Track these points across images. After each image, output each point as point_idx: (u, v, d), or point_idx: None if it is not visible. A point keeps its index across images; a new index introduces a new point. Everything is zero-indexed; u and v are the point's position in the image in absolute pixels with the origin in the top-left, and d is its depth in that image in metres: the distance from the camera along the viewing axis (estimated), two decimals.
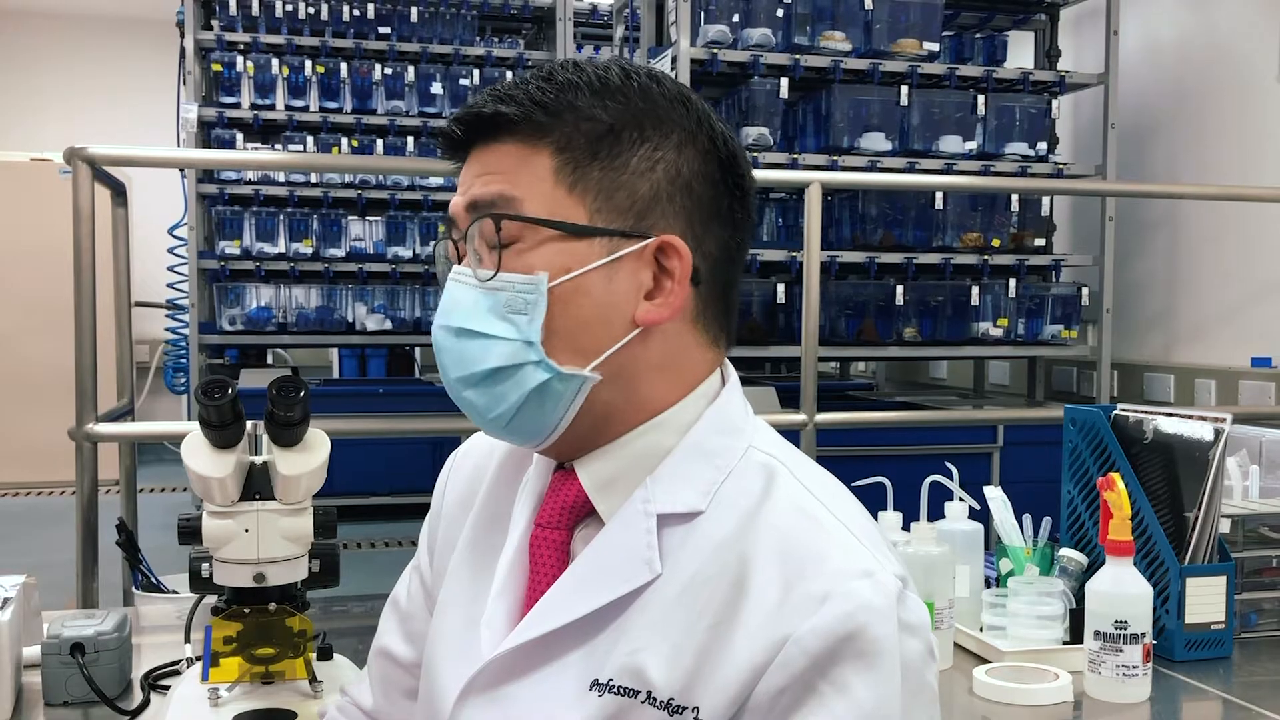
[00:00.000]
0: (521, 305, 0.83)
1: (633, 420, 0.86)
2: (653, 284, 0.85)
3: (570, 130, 0.84)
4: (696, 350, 0.88)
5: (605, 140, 0.84)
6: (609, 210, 0.84)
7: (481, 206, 0.85)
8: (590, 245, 0.83)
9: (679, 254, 0.84)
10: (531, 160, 0.84)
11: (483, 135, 0.86)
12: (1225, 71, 4.33)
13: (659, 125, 0.85)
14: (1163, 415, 1.74)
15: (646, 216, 0.84)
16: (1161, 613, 1.65)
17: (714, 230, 0.87)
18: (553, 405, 0.84)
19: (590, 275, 0.83)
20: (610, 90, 0.85)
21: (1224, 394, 4.21)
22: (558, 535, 0.88)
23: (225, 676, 1.30)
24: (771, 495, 0.83)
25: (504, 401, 0.84)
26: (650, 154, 0.85)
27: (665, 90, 0.87)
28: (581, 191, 0.83)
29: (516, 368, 0.83)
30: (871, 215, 4.39)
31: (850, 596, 0.76)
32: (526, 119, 0.84)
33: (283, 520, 1.26)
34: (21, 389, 6.32)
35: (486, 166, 0.86)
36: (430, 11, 5.42)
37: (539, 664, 0.84)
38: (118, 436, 2.62)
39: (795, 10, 4.21)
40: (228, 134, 5.17)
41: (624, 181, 0.84)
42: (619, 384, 0.85)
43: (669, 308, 0.84)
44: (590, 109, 0.84)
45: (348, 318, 5.22)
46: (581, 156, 0.84)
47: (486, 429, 0.87)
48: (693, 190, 0.86)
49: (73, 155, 2.44)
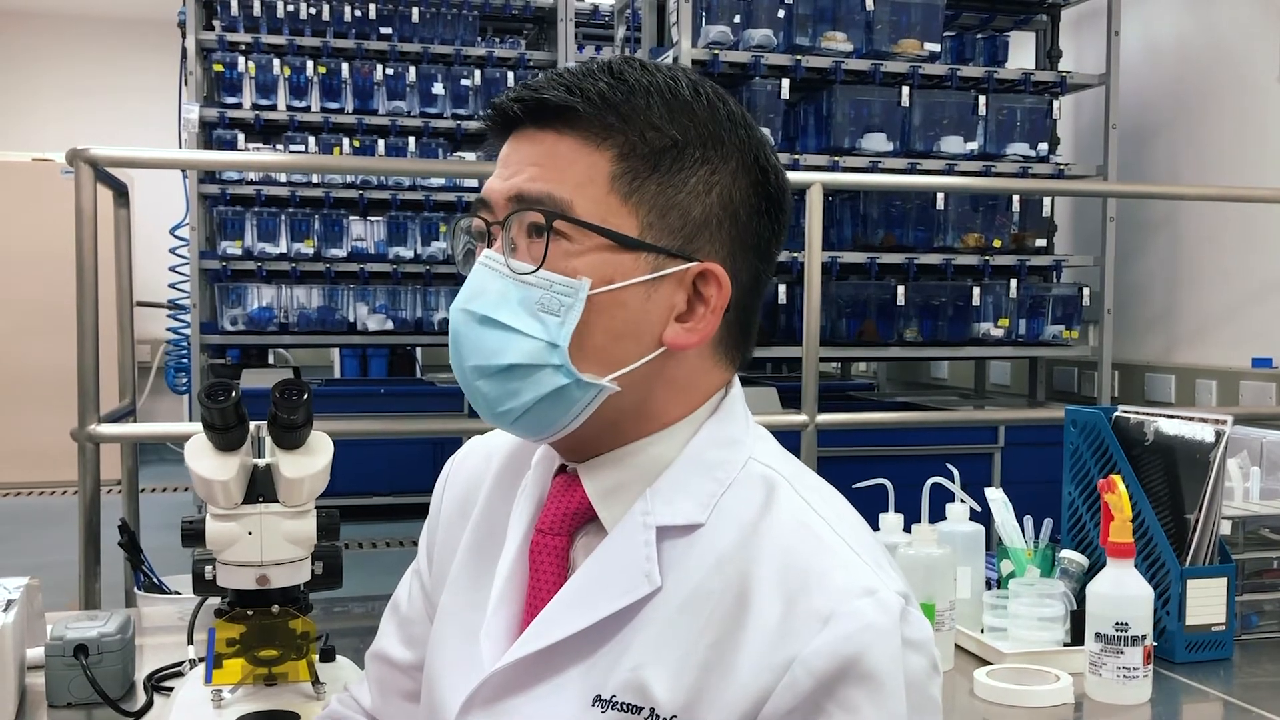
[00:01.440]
0: (556, 306, 0.81)
1: (639, 430, 0.86)
2: (685, 307, 0.84)
3: (636, 139, 0.81)
4: (712, 372, 0.88)
5: (668, 154, 0.82)
6: (660, 227, 0.82)
7: (529, 200, 0.82)
8: (636, 259, 0.82)
9: (719, 283, 0.83)
10: (590, 160, 0.81)
11: (540, 121, 0.83)
12: (1226, 72, 4.33)
13: (720, 148, 0.84)
14: (1164, 417, 1.74)
15: (694, 240, 0.83)
16: (1162, 614, 1.65)
17: (749, 260, 0.86)
18: (565, 409, 0.83)
19: (630, 289, 0.82)
20: (681, 103, 0.83)
21: (1225, 395, 4.21)
22: (558, 542, 0.87)
23: (228, 678, 1.30)
24: (772, 509, 0.82)
25: (517, 399, 0.82)
26: (709, 177, 0.83)
27: (731, 112, 0.85)
28: (636, 203, 0.81)
29: (536, 368, 0.81)
30: (872, 216, 4.38)
31: (853, 616, 0.76)
32: (596, 118, 0.81)
33: (286, 523, 1.27)
34: (23, 389, 6.32)
35: (537, 156, 0.82)
36: (431, 12, 5.42)
37: (540, 678, 0.83)
38: (120, 437, 2.63)
39: (796, 11, 4.21)
40: (229, 134, 5.17)
41: (679, 201, 0.82)
42: (632, 396, 0.84)
43: (698, 334, 0.84)
44: (661, 120, 0.82)
45: (349, 318, 5.22)
46: (642, 167, 0.81)
47: (492, 420, 0.86)
48: (739, 219, 0.85)
49: (75, 156, 2.44)
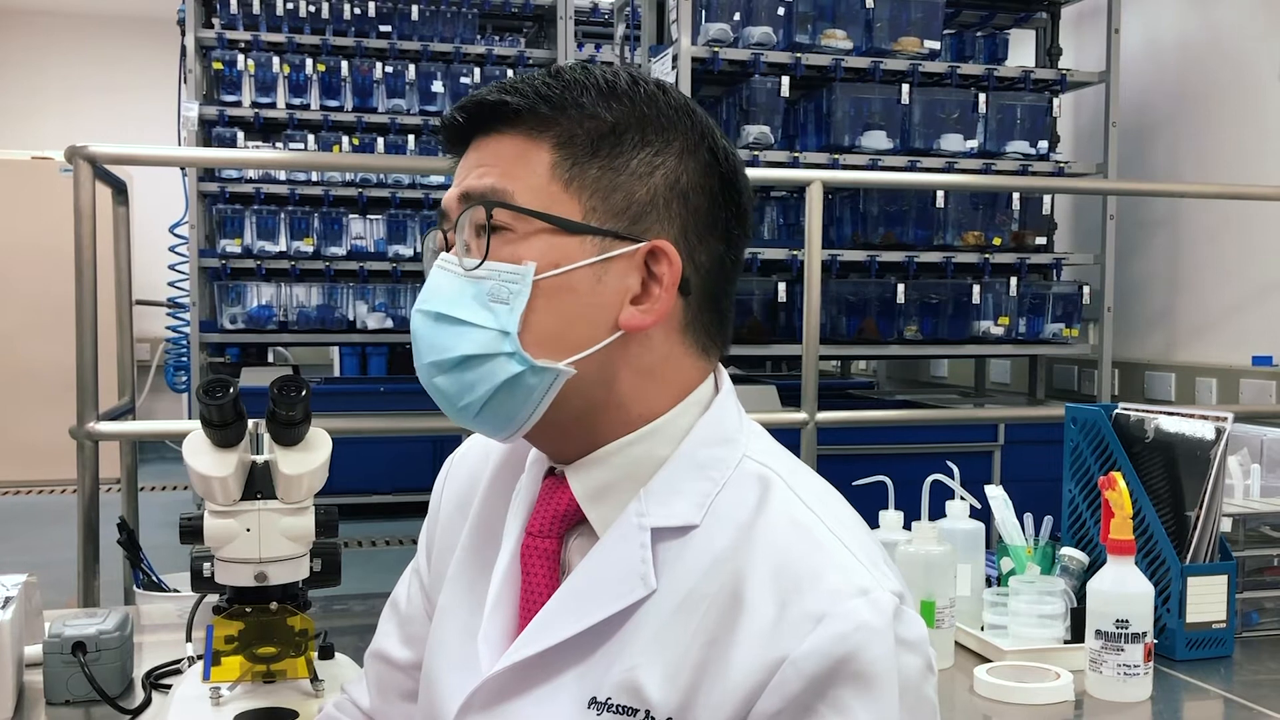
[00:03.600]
0: (504, 294, 0.82)
1: (620, 424, 0.86)
2: (640, 289, 0.84)
3: (573, 126, 0.83)
4: (686, 359, 0.87)
5: (607, 140, 0.84)
6: (604, 210, 0.83)
7: (474, 197, 0.84)
8: (581, 243, 0.83)
9: (669, 260, 0.84)
10: (530, 153, 0.83)
11: (484, 127, 0.86)
12: (1226, 70, 4.33)
13: (662, 132, 0.85)
14: (1164, 414, 1.74)
15: (641, 220, 0.84)
16: (1163, 612, 1.65)
17: (708, 242, 0.87)
18: (523, 398, 0.83)
19: (578, 272, 0.82)
20: (616, 92, 0.85)
21: (1225, 393, 4.20)
22: (548, 544, 0.87)
23: (227, 675, 1.30)
24: (766, 508, 0.82)
25: (473, 391, 0.83)
26: (650, 159, 0.84)
27: (671, 99, 0.87)
28: (578, 189, 0.83)
29: (489, 357, 0.82)
30: (872, 214, 4.38)
31: (846, 616, 0.75)
32: (530, 111, 0.83)
33: (284, 519, 1.26)
34: (22, 387, 6.32)
35: (483, 159, 0.85)
36: (431, 10, 5.41)
37: (537, 681, 0.83)
38: (119, 435, 2.63)
39: (796, 9, 4.21)
40: (228, 132, 5.17)
41: (621, 183, 0.84)
42: (597, 383, 0.84)
43: (653, 314, 0.84)
44: (595, 107, 0.84)
45: (349, 316, 5.22)
46: (581, 154, 0.83)
47: (455, 418, 0.86)
48: (689, 200, 0.86)
49: (74, 154, 2.44)
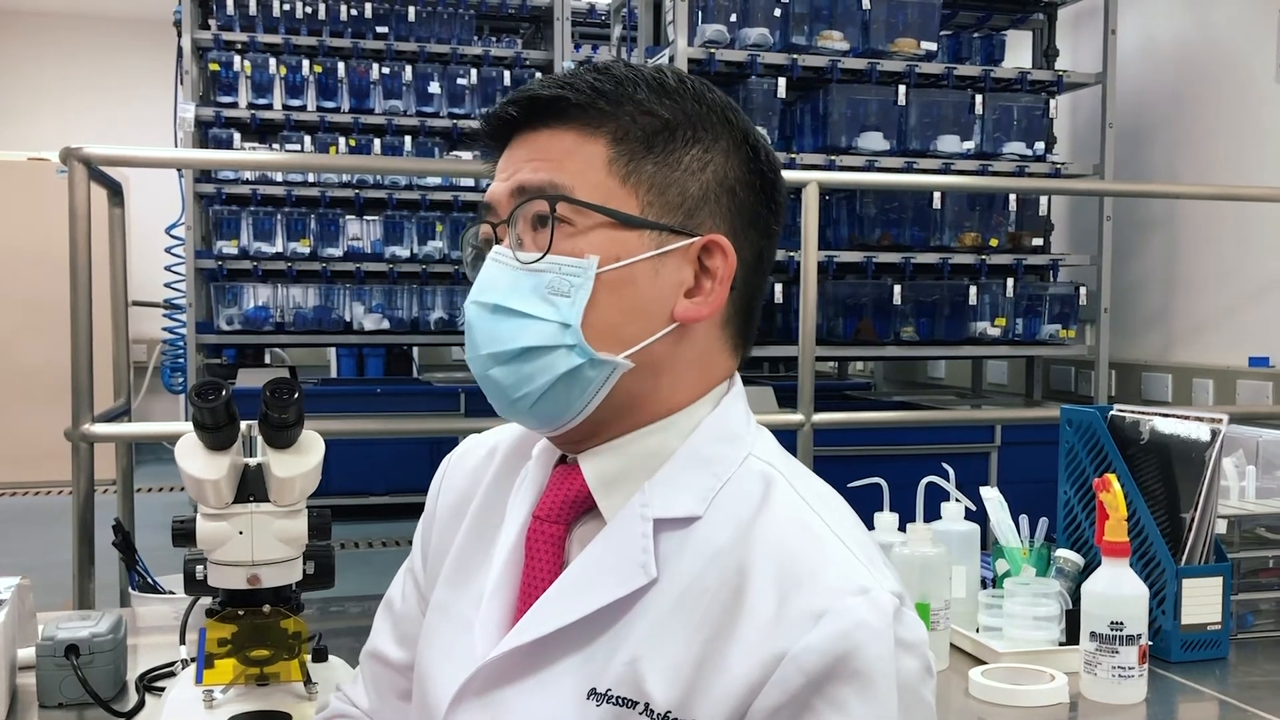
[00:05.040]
0: (565, 287, 0.83)
1: (647, 415, 0.86)
2: (693, 282, 0.86)
3: (628, 122, 0.85)
4: (721, 355, 0.89)
5: (661, 135, 0.85)
6: (660, 205, 0.85)
7: (530, 190, 0.84)
8: (640, 237, 0.84)
9: (724, 254, 0.86)
10: (586, 148, 0.84)
11: (534, 121, 0.86)
12: (1223, 71, 4.33)
13: (710, 128, 0.87)
14: (1159, 416, 1.74)
15: (695, 215, 0.86)
16: (1158, 614, 1.65)
17: (751, 237, 0.89)
18: (580, 391, 0.84)
19: (638, 266, 0.84)
20: (667, 90, 0.86)
21: (1221, 393, 4.21)
22: (555, 530, 0.87)
23: (220, 678, 1.30)
24: (769, 506, 0.83)
25: (531, 383, 0.83)
26: (701, 155, 0.86)
27: (716, 98, 0.89)
28: (635, 184, 0.84)
29: (549, 349, 0.83)
30: (869, 215, 4.38)
31: (846, 614, 0.76)
32: (589, 105, 0.84)
33: (277, 522, 1.26)
34: (18, 389, 6.31)
35: (535, 153, 0.86)
36: (428, 11, 5.41)
37: (535, 669, 0.83)
38: (114, 437, 2.62)
39: (793, 10, 4.21)
40: (225, 133, 5.17)
41: (676, 179, 0.85)
42: (647, 376, 0.85)
43: (708, 306, 0.85)
44: (649, 103, 0.85)
45: (345, 317, 5.22)
46: (637, 149, 0.85)
47: (507, 411, 0.86)
48: (736, 195, 0.87)
49: (69, 155, 2.43)
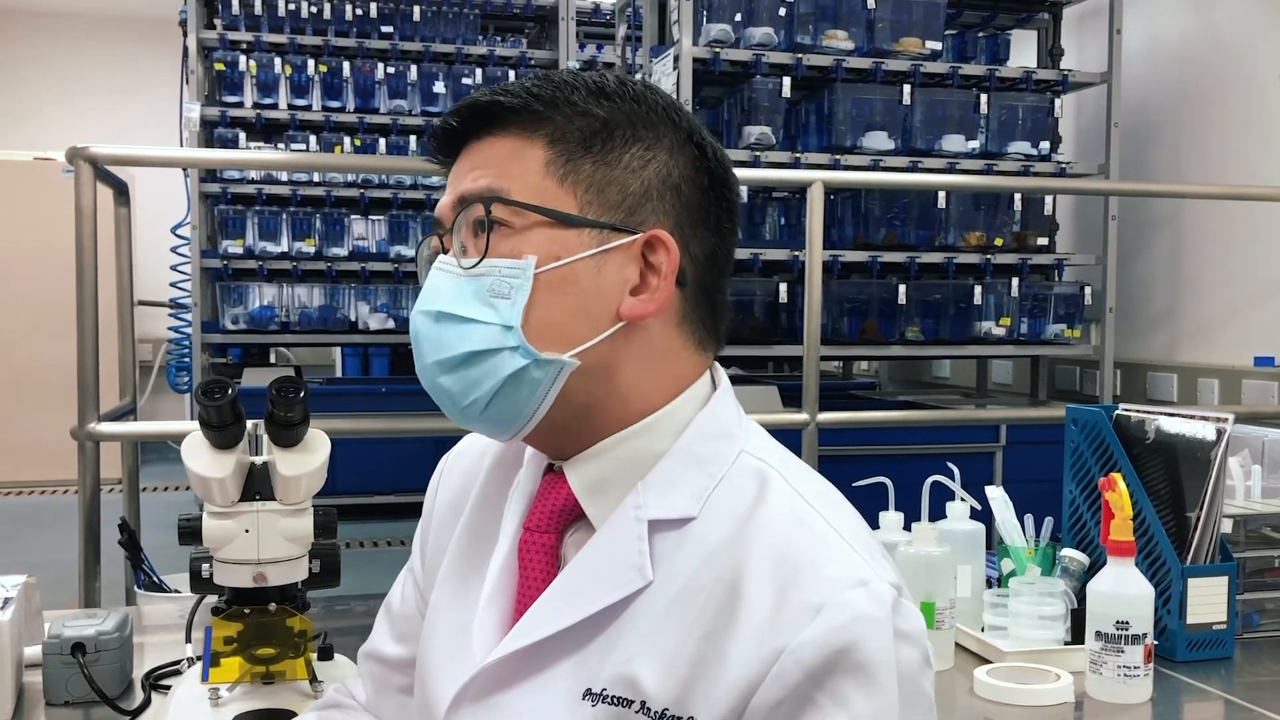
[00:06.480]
0: (505, 289, 0.83)
1: (619, 417, 0.86)
2: (639, 280, 0.85)
3: (565, 124, 0.85)
4: (683, 352, 0.88)
5: (599, 136, 0.85)
6: (600, 204, 0.84)
7: (470, 199, 0.85)
8: (580, 235, 0.84)
9: (667, 249, 0.85)
10: (525, 152, 0.85)
11: (477, 130, 0.87)
12: (1229, 70, 4.32)
13: (651, 128, 0.87)
14: (1165, 415, 1.74)
15: (637, 212, 0.85)
16: (1163, 613, 1.65)
17: (700, 235, 0.88)
18: (528, 393, 0.83)
19: (578, 265, 0.83)
20: (605, 91, 0.86)
21: (1227, 393, 4.20)
22: (546, 539, 0.87)
23: (226, 676, 1.30)
24: (764, 502, 0.82)
25: (479, 388, 0.83)
26: (642, 154, 0.86)
27: (659, 99, 0.88)
28: (573, 183, 0.84)
29: (493, 353, 0.83)
30: (874, 214, 4.38)
31: (845, 607, 0.76)
32: (524, 109, 0.85)
33: (283, 521, 1.26)
34: (24, 388, 6.32)
35: (476, 162, 0.86)
36: (433, 10, 5.41)
37: (531, 673, 0.83)
38: (120, 436, 2.63)
39: (797, 9, 4.21)
40: (230, 133, 5.17)
41: (616, 177, 0.85)
42: (599, 376, 0.85)
43: (654, 303, 0.85)
44: (586, 104, 0.85)
45: (350, 317, 5.22)
46: (574, 149, 0.85)
47: (459, 419, 0.86)
48: (682, 193, 0.87)
49: (75, 155, 2.44)
